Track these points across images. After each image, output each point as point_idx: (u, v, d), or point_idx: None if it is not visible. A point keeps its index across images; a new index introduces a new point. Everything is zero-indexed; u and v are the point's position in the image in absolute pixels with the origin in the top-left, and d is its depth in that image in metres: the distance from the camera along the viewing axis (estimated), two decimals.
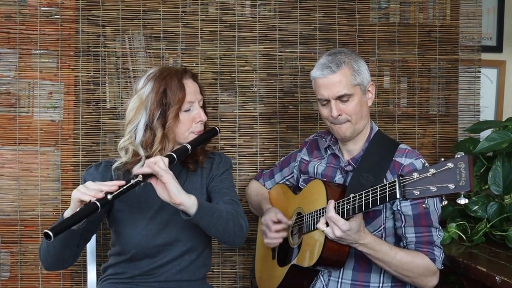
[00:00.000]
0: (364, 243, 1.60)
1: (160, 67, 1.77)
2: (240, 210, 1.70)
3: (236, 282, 2.40)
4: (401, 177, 1.39)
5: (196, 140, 1.73)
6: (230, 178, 1.84)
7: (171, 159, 1.58)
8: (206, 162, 1.81)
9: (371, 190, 1.49)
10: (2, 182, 2.25)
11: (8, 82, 2.25)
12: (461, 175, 1.26)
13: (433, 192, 1.31)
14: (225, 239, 1.64)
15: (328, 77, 1.74)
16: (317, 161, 1.96)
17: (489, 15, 2.60)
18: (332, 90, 1.74)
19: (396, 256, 1.63)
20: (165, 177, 1.47)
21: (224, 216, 1.59)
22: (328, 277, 1.82)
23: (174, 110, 1.66)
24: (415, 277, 1.66)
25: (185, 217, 1.52)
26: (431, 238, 1.70)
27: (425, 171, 1.33)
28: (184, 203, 1.49)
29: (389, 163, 1.75)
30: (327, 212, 1.57)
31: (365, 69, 1.79)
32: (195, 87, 1.75)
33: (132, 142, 1.69)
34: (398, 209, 1.72)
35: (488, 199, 2.08)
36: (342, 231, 1.53)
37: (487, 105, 2.60)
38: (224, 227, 1.59)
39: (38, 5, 2.24)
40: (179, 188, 1.49)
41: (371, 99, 1.82)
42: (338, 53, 1.78)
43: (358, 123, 1.78)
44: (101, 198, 1.43)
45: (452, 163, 1.28)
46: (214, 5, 2.35)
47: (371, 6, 2.44)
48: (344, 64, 1.74)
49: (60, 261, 1.62)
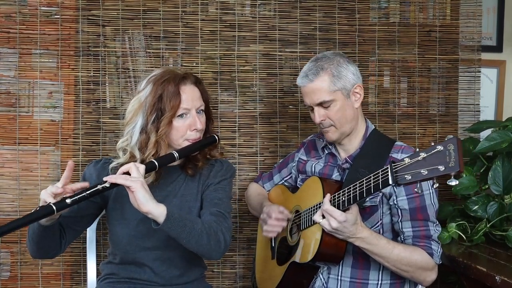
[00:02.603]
0: (361, 237, 1.60)
1: (164, 70, 1.73)
2: (225, 224, 1.64)
3: (236, 282, 2.40)
4: (393, 163, 1.41)
5: (188, 148, 1.69)
6: (227, 189, 1.77)
7: (152, 166, 1.57)
8: (206, 169, 1.78)
9: (365, 179, 1.50)
10: (2, 182, 2.25)
11: (8, 82, 2.25)
12: (450, 157, 1.27)
13: (424, 175, 1.32)
14: (199, 252, 1.59)
15: (307, 86, 1.79)
16: (315, 161, 1.97)
17: (489, 15, 2.60)
18: (312, 97, 1.79)
19: (394, 251, 1.64)
20: (133, 185, 1.46)
21: (198, 229, 1.54)
22: (328, 274, 1.82)
23: (167, 117, 1.64)
24: (413, 271, 1.67)
25: (154, 226, 1.50)
26: (428, 232, 1.70)
27: (416, 156, 1.35)
28: (152, 212, 1.47)
29: (386, 159, 1.76)
30: (323, 205, 1.58)
31: (348, 72, 1.78)
32: (194, 93, 1.71)
33: (129, 144, 1.69)
34: (395, 204, 1.72)
35: (488, 199, 2.08)
36: (338, 221, 1.54)
37: (487, 105, 2.60)
38: (197, 240, 1.53)
39: (38, 5, 2.24)
40: (147, 196, 1.47)
41: (359, 100, 1.82)
42: (320, 59, 1.80)
43: (342, 127, 1.80)
44: (59, 201, 1.44)
45: (442, 145, 1.30)
46: (214, 5, 2.35)
47: (371, 6, 2.44)
48: (322, 71, 1.76)
49: (42, 250, 1.63)
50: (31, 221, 1.44)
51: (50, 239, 1.59)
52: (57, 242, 1.64)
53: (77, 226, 1.70)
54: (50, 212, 1.42)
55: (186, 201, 1.73)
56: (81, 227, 1.73)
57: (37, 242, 1.58)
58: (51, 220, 1.51)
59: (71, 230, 1.67)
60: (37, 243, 1.59)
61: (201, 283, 1.83)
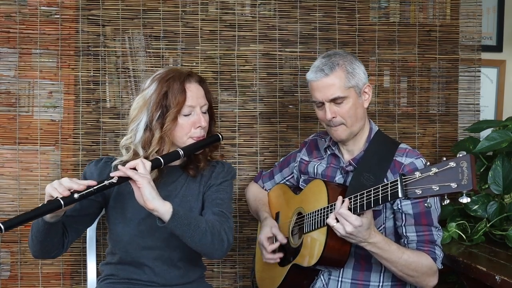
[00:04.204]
0: (373, 242, 1.58)
1: (168, 69, 1.74)
2: (227, 224, 1.64)
3: (236, 282, 2.40)
4: (403, 177, 1.39)
5: (192, 146, 1.70)
6: (228, 190, 1.78)
7: (157, 164, 1.58)
8: (207, 170, 1.78)
9: (373, 190, 1.49)
10: (2, 181, 2.25)
11: (8, 81, 2.25)
12: (463, 174, 1.26)
13: (435, 191, 1.31)
14: (202, 251, 1.59)
15: (322, 80, 1.74)
16: (317, 161, 1.96)
17: (489, 15, 2.60)
18: (325, 93, 1.74)
19: (403, 256, 1.63)
20: (140, 181, 1.46)
21: (202, 228, 1.54)
22: (328, 276, 1.82)
23: (173, 113, 1.65)
24: (419, 276, 1.66)
25: (159, 224, 1.50)
26: (432, 237, 1.70)
27: (427, 170, 1.33)
28: (158, 209, 1.47)
29: (390, 162, 1.74)
30: (338, 209, 1.55)
31: (360, 70, 1.77)
32: (199, 92, 1.72)
33: (133, 141, 1.69)
34: (399, 208, 1.72)
35: (488, 198, 2.08)
36: (354, 226, 1.52)
37: (487, 105, 2.60)
38: (201, 238, 1.54)
39: (38, 5, 2.24)
40: (153, 193, 1.47)
41: (368, 100, 1.81)
42: (333, 55, 1.78)
43: (353, 125, 1.77)
44: (67, 196, 1.43)
45: (454, 162, 1.28)
46: (214, 5, 2.35)
47: (371, 5, 2.44)
48: (338, 67, 1.74)
49: (45, 249, 1.62)
50: (40, 215, 1.43)
51: (54, 237, 1.59)
52: (60, 241, 1.63)
53: (79, 225, 1.70)
54: (58, 207, 1.41)
55: (187, 201, 1.73)
56: (83, 226, 1.73)
57: (41, 240, 1.57)
58: (56, 217, 1.51)
59: (73, 229, 1.67)
60: (41, 242, 1.58)
61: (201, 283, 1.83)
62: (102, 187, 1.48)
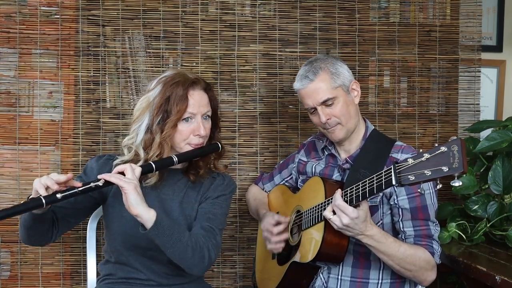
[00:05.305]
0: (370, 235, 1.59)
1: (176, 72, 1.72)
2: (213, 241, 1.62)
3: (236, 282, 2.40)
4: (396, 164, 1.41)
5: (188, 154, 1.69)
6: (223, 205, 1.75)
7: (149, 169, 1.57)
8: (208, 180, 1.76)
9: (368, 180, 1.50)
10: (2, 181, 2.25)
11: (8, 81, 2.25)
12: (454, 158, 1.28)
13: (428, 176, 1.32)
14: (181, 264, 1.58)
15: (309, 86, 1.80)
16: (315, 162, 1.97)
17: (489, 15, 2.60)
18: (315, 97, 1.79)
19: (400, 249, 1.63)
20: (126, 187, 1.46)
21: (184, 242, 1.53)
22: (328, 274, 1.82)
23: (173, 120, 1.64)
24: (416, 270, 1.66)
25: (141, 231, 1.50)
26: (429, 232, 1.71)
27: (419, 157, 1.35)
28: (141, 216, 1.47)
29: (386, 159, 1.76)
30: (335, 200, 1.56)
31: (344, 69, 1.83)
32: (202, 100, 1.70)
33: (134, 142, 1.69)
34: (395, 203, 1.73)
35: (488, 198, 2.08)
36: (350, 218, 1.52)
37: (487, 105, 2.60)
38: (181, 252, 1.53)
39: (38, 5, 2.24)
40: (138, 199, 1.47)
41: (358, 96, 1.86)
42: (314, 61, 1.84)
43: (348, 123, 1.81)
44: (49, 195, 1.44)
45: (446, 146, 1.30)
46: (214, 5, 2.36)
47: (371, 5, 2.45)
48: (321, 70, 1.79)
49: (33, 238, 1.63)
50: (20, 212, 1.44)
51: (40, 227, 1.59)
52: (49, 231, 1.64)
53: (71, 218, 1.70)
54: (39, 205, 1.43)
55: (183, 208, 1.73)
56: (75, 219, 1.73)
57: (27, 228, 1.58)
58: (42, 209, 1.51)
59: (64, 221, 1.67)
60: (27, 229, 1.59)
61: (199, 283, 1.83)
62: (86, 189, 1.48)
